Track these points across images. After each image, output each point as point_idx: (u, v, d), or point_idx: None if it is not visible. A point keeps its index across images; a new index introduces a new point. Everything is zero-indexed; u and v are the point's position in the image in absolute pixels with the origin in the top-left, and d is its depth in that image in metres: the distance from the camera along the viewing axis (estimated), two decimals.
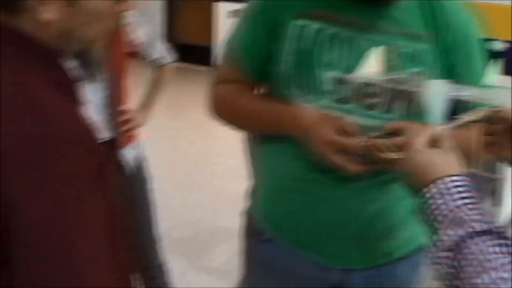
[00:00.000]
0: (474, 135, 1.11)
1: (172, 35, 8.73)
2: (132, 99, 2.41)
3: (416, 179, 0.99)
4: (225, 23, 7.70)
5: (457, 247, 0.85)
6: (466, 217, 0.88)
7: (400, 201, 1.32)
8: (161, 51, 2.58)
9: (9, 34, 0.86)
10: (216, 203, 4.08)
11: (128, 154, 2.31)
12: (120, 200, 0.92)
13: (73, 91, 0.92)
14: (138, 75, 2.55)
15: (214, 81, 1.49)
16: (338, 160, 1.22)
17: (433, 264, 0.90)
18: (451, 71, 1.31)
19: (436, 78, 1.25)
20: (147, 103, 2.63)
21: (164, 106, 6.44)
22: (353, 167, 1.22)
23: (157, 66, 2.60)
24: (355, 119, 1.27)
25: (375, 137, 1.19)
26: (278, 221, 1.43)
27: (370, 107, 1.30)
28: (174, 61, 2.67)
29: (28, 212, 0.78)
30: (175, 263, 2.85)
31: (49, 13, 0.83)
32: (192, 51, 8.46)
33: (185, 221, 3.84)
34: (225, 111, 1.47)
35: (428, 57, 1.30)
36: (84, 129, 0.87)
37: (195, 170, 4.67)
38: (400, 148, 1.08)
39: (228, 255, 3.36)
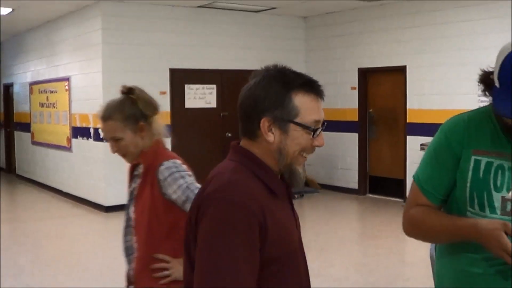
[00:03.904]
0: None
1: (367, 169, 9.27)
2: None
3: None
4: (416, 156, 8.03)
5: None
6: None
7: None
8: None
9: (246, 152, 1.49)
10: None
11: None
12: None
13: (274, 189, 1.47)
14: None
15: (407, 205, 1.90)
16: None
17: None
18: None
19: None
20: None
21: (357, 235, 6.85)
22: None
23: None
24: None
25: None
26: None
27: None
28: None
29: (199, 246, 1.37)
30: None
31: (272, 137, 1.46)
32: (386, 184, 8.93)
33: None
34: (418, 228, 1.87)
35: None
36: (253, 200, 1.38)
37: None
38: None
39: None
